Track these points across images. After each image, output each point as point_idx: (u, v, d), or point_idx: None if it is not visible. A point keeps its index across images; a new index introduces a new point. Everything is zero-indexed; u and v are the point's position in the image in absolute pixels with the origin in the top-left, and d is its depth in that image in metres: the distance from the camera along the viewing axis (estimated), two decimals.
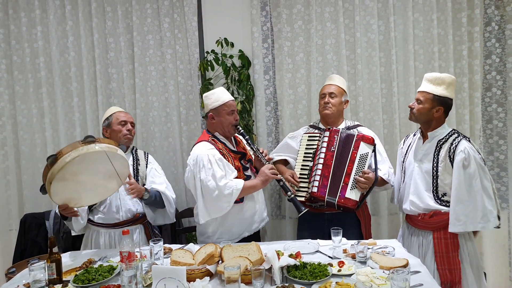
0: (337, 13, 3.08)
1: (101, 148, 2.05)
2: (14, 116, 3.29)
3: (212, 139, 2.41)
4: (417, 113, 2.32)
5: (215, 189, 2.23)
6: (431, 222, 2.27)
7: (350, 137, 2.47)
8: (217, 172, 2.26)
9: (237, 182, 2.29)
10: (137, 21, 3.18)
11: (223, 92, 2.49)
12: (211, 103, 2.44)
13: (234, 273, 1.63)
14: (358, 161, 2.43)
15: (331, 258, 2.04)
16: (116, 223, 2.47)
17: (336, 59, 3.13)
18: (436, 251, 2.24)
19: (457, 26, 3.05)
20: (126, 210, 2.48)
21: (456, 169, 2.19)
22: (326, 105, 2.59)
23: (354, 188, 2.40)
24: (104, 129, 2.57)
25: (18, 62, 3.26)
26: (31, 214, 3.11)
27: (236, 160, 2.42)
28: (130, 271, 1.67)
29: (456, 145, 2.22)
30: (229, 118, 2.43)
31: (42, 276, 1.84)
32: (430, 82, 2.29)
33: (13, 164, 3.30)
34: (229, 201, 2.26)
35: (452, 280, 2.20)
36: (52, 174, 1.96)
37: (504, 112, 3.11)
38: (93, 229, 2.50)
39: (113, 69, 3.24)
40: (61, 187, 2.03)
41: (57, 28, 3.22)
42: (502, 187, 3.16)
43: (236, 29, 3.21)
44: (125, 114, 2.59)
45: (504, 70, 3.07)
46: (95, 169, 2.11)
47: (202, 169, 2.26)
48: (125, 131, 2.53)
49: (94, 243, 2.47)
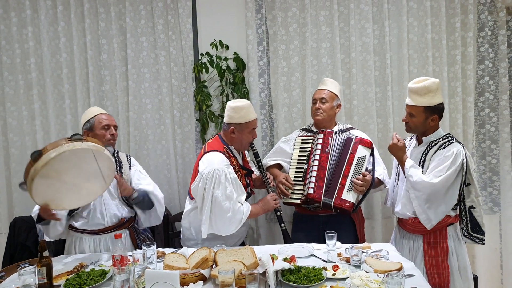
0: (332, 17, 3.09)
1: (87, 146, 1.95)
2: (4, 118, 3.24)
3: (227, 152, 2.38)
4: (414, 126, 2.30)
5: (229, 211, 2.22)
6: (421, 226, 2.25)
7: (348, 140, 2.49)
8: (233, 194, 2.25)
9: (247, 208, 2.31)
10: (131, 23, 3.16)
11: (251, 110, 2.43)
12: (237, 118, 2.37)
13: (228, 277, 1.61)
14: (355, 163, 2.44)
15: (325, 262, 2.04)
16: (101, 229, 2.38)
17: (331, 63, 3.14)
18: (426, 255, 2.25)
19: (451, 31, 3.07)
20: (111, 215, 2.39)
21: (437, 156, 2.20)
22: (317, 111, 2.61)
23: (351, 190, 2.41)
24: (85, 132, 2.39)
25: (8, 62, 3.21)
26: (21, 218, 3.06)
27: (243, 177, 2.43)
28: (122, 275, 1.65)
29: (446, 146, 2.22)
30: (249, 136, 2.43)
31: (32, 280, 1.79)
32: (416, 94, 2.22)
33: (3, 167, 3.25)
34: (237, 226, 2.27)
35: (440, 284, 2.21)
36: (36, 170, 1.85)
37: (496, 117, 3.13)
38: (76, 235, 2.39)
39: (106, 71, 3.20)
40: (44, 186, 1.92)
41: (49, 29, 3.18)
42: (494, 191, 3.18)
43: (231, 32, 3.20)
44: (107, 117, 2.43)
45: (497, 75, 3.10)
46: (80, 169, 2.00)
47: (218, 186, 2.22)
48: (108, 135, 2.37)
49: (78, 250, 2.37)
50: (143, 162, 3.25)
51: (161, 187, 3.24)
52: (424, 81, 2.22)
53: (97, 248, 2.38)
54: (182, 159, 3.25)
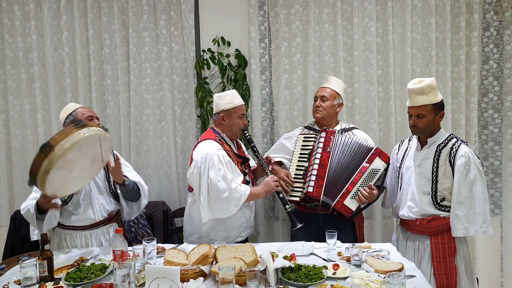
0: (335, 15, 3.07)
1: (94, 131, 1.94)
2: (6, 111, 3.24)
3: (219, 139, 2.40)
4: (424, 127, 2.25)
5: (226, 190, 2.21)
6: (429, 227, 2.25)
7: (368, 150, 2.45)
8: (228, 174, 2.25)
9: (245, 187, 2.29)
10: (133, 18, 3.15)
11: (236, 95, 2.49)
12: (223, 104, 2.42)
13: (229, 274, 1.61)
14: (367, 174, 2.42)
15: (325, 260, 2.03)
16: (92, 224, 2.36)
17: (333, 61, 3.12)
18: (433, 256, 2.23)
19: (456, 30, 3.05)
20: (101, 210, 2.37)
21: (457, 173, 2.19)
22: (317, 108, 2.60)
23: (354, 198, 2.40)
24: (68, 125, 2.30)
25: (11, 56, 3.21)
26: None
27: (239, 164, 2.41)
28: (123, 270, 1.64)
29: (457, 150, 2.22)
30: (239, 121, 2.44)
31: (33, 273, 1.80)
32: (422, 93, 2.20)
33: (4, 160, 3.25)
34: (236, 205, 2.25)
35: (448, 285, 2.19)
36: (51, 163, 1.81)
37: (500, 118, 3.12)
38: (65, 233, 2.36)
39: (108, 65, 3.20)
40: (57, 177, 1.89)
41: (51, 23, 3.17)
42: (496, 193, 3.17)
43: (233, 28, 3.18)
44: (88, 110, 2.40)
45: (501, 76, 3.08)
46: (87, 154, 2.00)
47: (212, 168, 2.22)
48: None
49: (70, 247, 2.34)
50: (143, 158, 3.25)
51: (161, 183, 3.27)
52: (424, 80, 2.23)
53: (88, 243, 2.36)
54: (183, 155, 3.25)
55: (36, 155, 1.84)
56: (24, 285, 1.78)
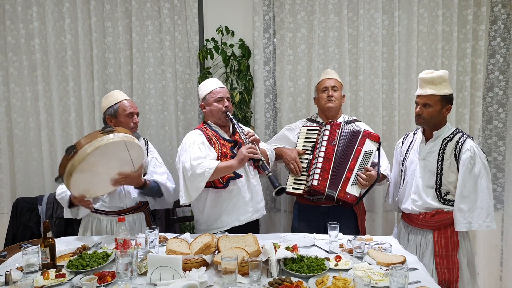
0: (341, 6, 3.04)
1: (120, 138, 2.06)
2: (8, 98, 3.22)
3: (204, 127, 2.44)
4: (428, 117, 2.24)
5: (190, 169, 2.23)
6: (433, 221, 2.25)
7: (356, 133, 2.46)
8: (193, 153, 2.26)
9: (210, 162, 2.26)
10: (136, 6, 3.11)
11: (211, 81, 2.51)
12: (201, 94, 2.49)
13: (231, 264, 1.60)
14: (362, 157, 2.41)
15: (327, 252, 2.03)
16: (120, 210, 2.44)
17: (338, 53, 3.09)
18: (436, 250, 2.23)
19: (463, 23, 3.01)
20: (130, 198, 2.46)
21: (462, 167, 2.18)
22: (330, 98, 2.58)
23: (355, 184, 2.39)
24: (108, 118, 2.46)
25: (13, 43, 3.17)
26: (23, 199, 3.06)
27: (225, 147, 2.38)
28: (125, 258, 1.64)
29: (462, 144, 2.21)
30: (217, 105, 2.41)
31: (35, 260, 1.82)
32: (432, 83, 2.21)
33: (6, 147, 3.24)
34: (202, 181, 2.22)
35: (450, 279, 2.20)
36: (73, 165, 1.96)
37: (504, 113, 3.10)
38: (93, 216, 2.45)
39: (110, 54, 3.17)
40: (81, 179, 2.04)
41: (54, 10, 3.14)
42: (498, 188, 3.16)
43: (237, 18, 3.15)
44: (131, 104, 2.50)
45: (508, 70, 3.06)
46: (113, 159, 2.12)
47: (184, 152, 2.30)
48: (132, 124, 2.46)
49: (95, 230, 2.43)
50: None
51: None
52: (436, 71, 2.24)
53: (113, 230, 2.42)
54: None
55: (63, 157, 2.01)
56: (27, 272, 1.79)
